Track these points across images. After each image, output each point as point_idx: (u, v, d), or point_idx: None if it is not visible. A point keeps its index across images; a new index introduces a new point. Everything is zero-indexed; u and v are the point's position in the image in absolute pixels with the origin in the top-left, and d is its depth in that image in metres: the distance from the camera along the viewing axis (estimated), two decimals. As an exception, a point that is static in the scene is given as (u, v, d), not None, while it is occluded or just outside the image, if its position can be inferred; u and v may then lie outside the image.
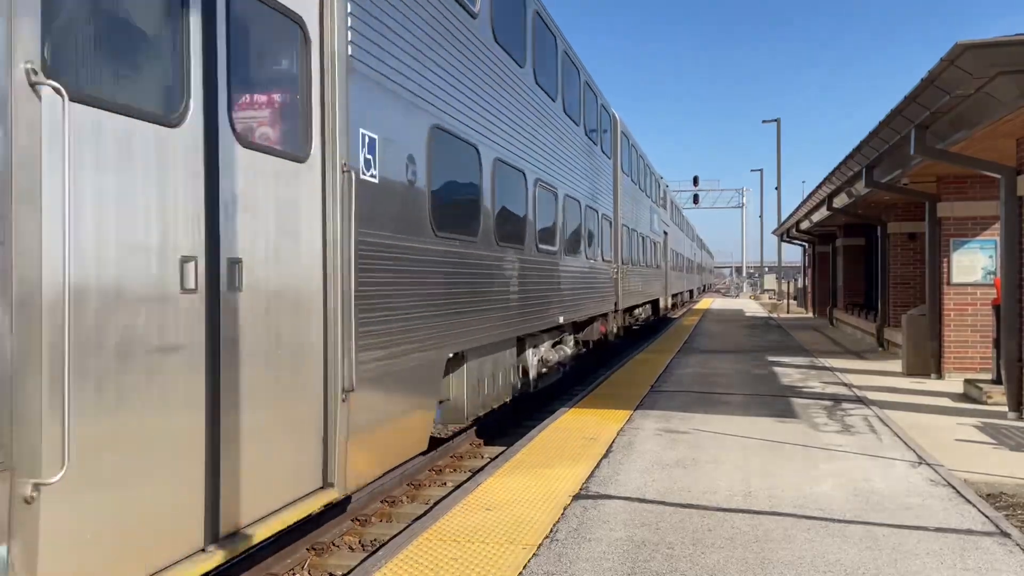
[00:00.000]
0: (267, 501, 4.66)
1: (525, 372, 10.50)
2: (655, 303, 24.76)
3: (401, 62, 6.27)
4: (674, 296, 32.58)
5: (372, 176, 5.72)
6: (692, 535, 4.87)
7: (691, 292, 46.22)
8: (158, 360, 3.79)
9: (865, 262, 22.39)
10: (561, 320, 11.76)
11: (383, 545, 5.87)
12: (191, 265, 4.01)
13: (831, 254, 26.77)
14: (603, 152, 16.28)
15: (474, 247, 7.98)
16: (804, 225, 24.88)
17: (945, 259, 12.24)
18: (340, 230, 5.25)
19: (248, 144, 4.53)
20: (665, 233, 27.65)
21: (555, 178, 11.65)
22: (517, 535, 4.91)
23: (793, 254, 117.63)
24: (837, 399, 10.08)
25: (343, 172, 5.27)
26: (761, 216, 48.68)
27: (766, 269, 64.64)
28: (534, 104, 10.49)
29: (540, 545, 4.73)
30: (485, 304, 8.25)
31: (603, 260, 15.53)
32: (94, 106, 3.46)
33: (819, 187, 17.95)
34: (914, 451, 7.09)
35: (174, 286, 3.91)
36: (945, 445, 7.48)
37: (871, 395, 10.44)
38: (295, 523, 4.99)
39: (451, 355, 7.36)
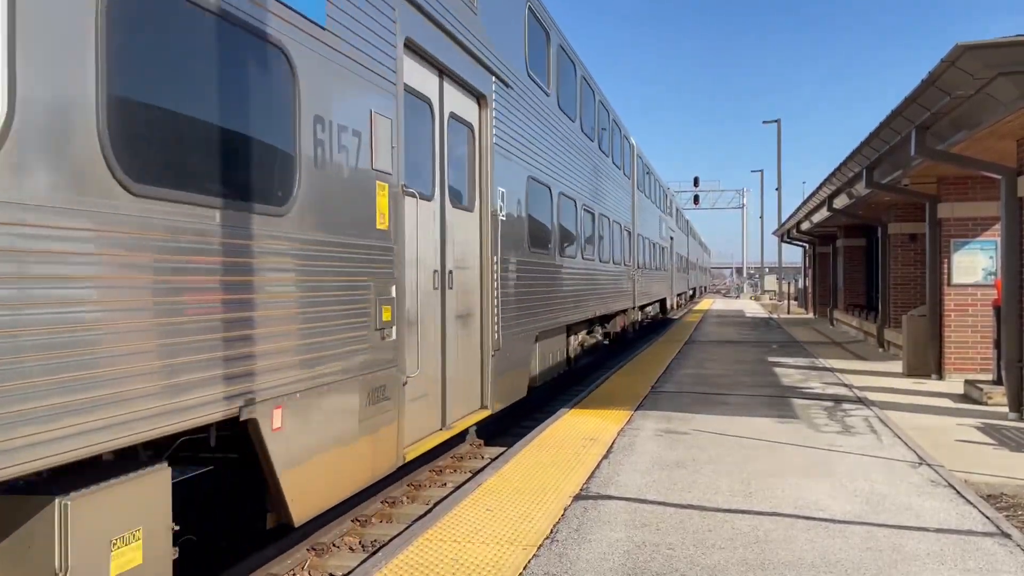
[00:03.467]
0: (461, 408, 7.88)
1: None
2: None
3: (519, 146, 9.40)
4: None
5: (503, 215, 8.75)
6: (693, 536, 4.87)
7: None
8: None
9: (865, 263, 22.39)
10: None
11: (383, 546, 5.86)
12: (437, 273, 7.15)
13: (831, 255, 26.76)
14: None
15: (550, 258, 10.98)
16: (804, 226, 24.88)
17: (945, 260, 12.24)
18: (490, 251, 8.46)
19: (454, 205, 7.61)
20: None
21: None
22: (517, 536, 4.92)
23: (793, 255, 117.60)
24: (838, 400, 10.08)
25: (491, 215, 8.48)
26: (761, 217, 48.66)
27: (766, 270, 64.61)
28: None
29: (540, 546, 4.73)
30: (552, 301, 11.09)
31: None
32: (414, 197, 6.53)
33: (819, 188, 17.95)
34: (914, 452, 7.09)
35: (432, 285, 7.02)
36: (945, 446, 7.49)
37: (871, 396, 10.44)
38: (473, 424, 8.37)
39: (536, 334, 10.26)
